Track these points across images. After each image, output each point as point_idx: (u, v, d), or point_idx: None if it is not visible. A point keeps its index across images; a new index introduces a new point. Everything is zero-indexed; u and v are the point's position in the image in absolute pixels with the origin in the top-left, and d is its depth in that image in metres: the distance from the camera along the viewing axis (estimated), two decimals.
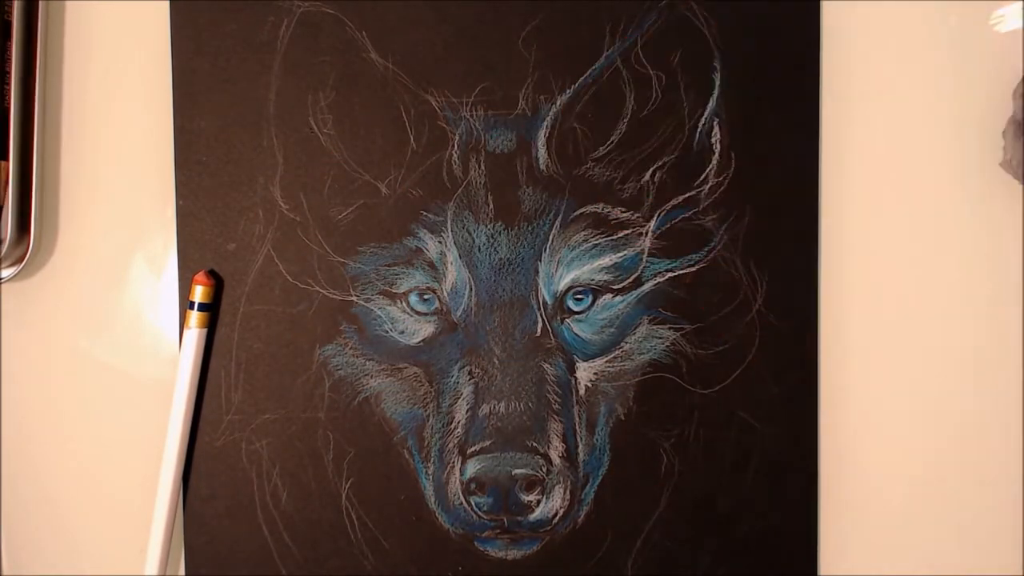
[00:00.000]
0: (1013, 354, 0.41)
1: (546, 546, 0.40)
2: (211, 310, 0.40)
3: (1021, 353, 0.41)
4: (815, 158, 0.40)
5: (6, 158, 0.39)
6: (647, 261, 0.40)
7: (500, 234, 0.40)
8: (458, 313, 0.40)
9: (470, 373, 0.40)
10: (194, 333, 0.39)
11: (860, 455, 0.41)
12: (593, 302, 0.40)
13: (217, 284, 0.40)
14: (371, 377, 0.40)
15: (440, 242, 0.40)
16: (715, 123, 0.40)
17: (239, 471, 0.40)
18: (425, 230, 0.40)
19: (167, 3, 0.40)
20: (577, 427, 0.40)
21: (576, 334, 0.40)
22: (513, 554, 0.40)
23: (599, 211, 0.40)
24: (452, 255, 0.40)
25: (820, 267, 0.41)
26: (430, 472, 0.40)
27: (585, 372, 0.40)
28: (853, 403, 0.41)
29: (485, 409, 0.40)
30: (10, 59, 0.39)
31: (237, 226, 0.40)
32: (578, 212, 0.40)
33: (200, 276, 0.39)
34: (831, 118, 0.41)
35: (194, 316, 0.39)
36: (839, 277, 0.41)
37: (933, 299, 0.41)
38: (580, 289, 0.40)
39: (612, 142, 0.40)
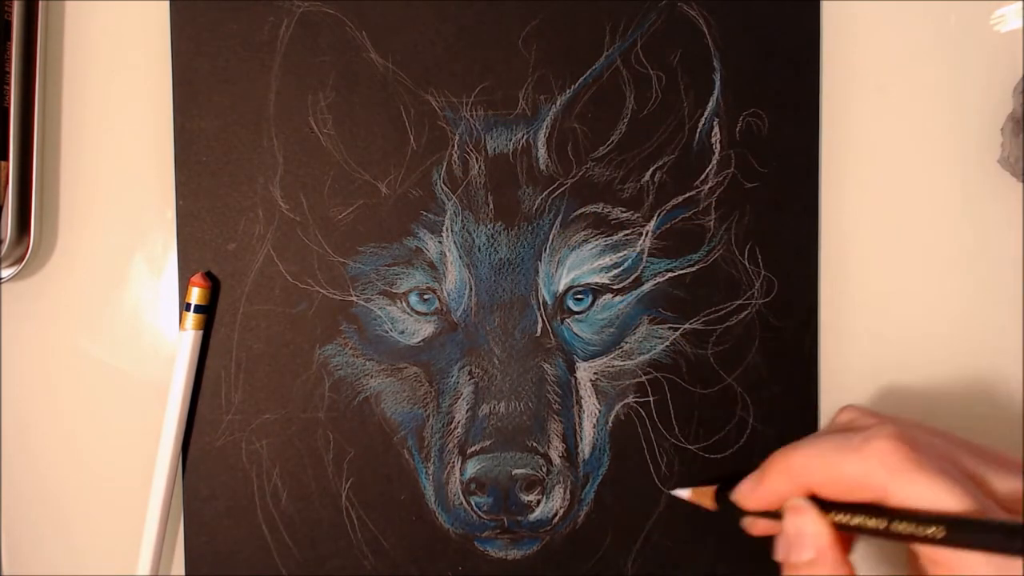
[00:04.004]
0: (1013, 352, 0.41)
1: (546, 546, 0.40)
2: (207, 312, 0.40)
3: (1021, 351, 0.41)
4: (815, 157, 0.40)
5: (6, 158, 0.39)
6: (647, 261, 0.40)
7: (500, 234, 0.40)
8: (458, 313, 0.40)
9: (470, 373, 0.40)
10: (189, 335, 0.39)
11: None
12: (593, 302, 0.40)
13: (214, 286, 0.40)
14: (371, 377, 0.40)
15: (440, 242, 0.40)
16: (715, 123, 0.40)
17: (239, 471, 0.40)
18: (425, 230, 0.40)
19: (167, 3, 0.40)
20: (577, 427, 0.40)
21: (576, 334, 0.40)
22: (513, 554, 0.40)
23: (599, 211, 0.40)
24: (452, 255, 0.40)
25: (820, 267, 0.41)
26: (430, 472, 0.40)
27: (585, 372, 0.40)
28: (853, 403, 0.41)
29: (485, 409, 0.40)
30: (10, 59, 0.39)
31: (237, 226, 0.40)
32: (578, 212, 0.40)
33: (196, 278, 0.39)
34: (831, 117, 0.41)
35: (190, 318, 0.39)
36: (839, 277, 0.41)
37: (932, 297, 0.41)
38: (580, 289, 0.40)
39: (612, 142, 0.40)
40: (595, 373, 0.40)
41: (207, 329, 0.40)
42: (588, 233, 0.40)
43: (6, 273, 0.40)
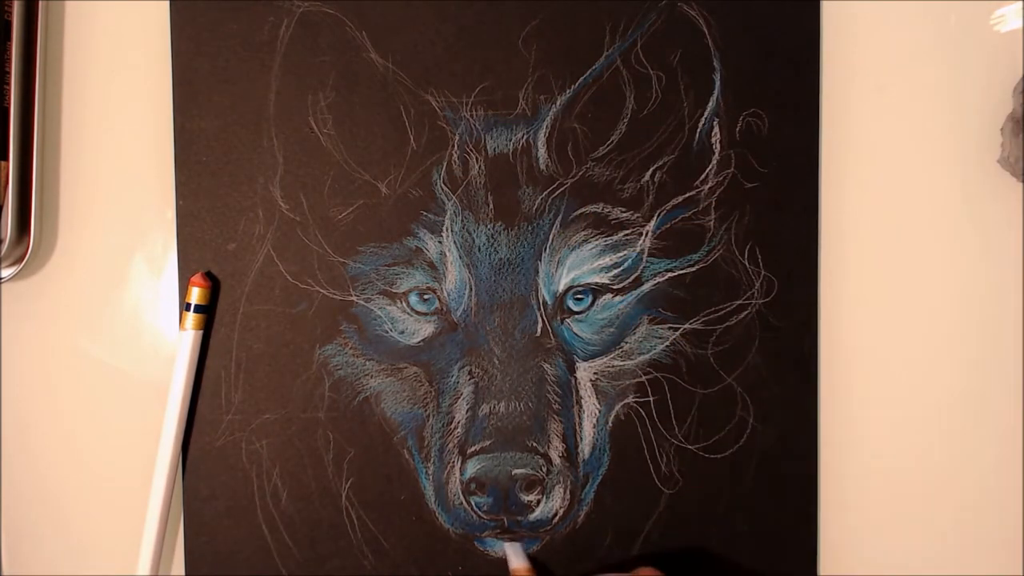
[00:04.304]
0: (1012, 352, 0.41)
1: (546, 546, 0.40)
2: (207, 312, 0.40)
3: (1020, 351, 0.41)
4: (815, 157, 0.40)
5: (6, 158, 0.39)
6: (647, 261, 0.40)
7: (500, 234, 0.40)
8: (458, 313, 0.40)
9: (470, 373, 0.40)
10: (190, 335, 0.39)
11: (860, 455, 0.41)
12: (593, 302, 0.40)
13: (214, 286, 0.40)
14: (371, 377, 0.40)
15: (440, 242, 0.40)
16: (715, 123, 0.40)
17: (239, 471, 0.40)
18: (425, 230, 0.40)
19: (167, 3, 0.40)
20: (577, 427, 0.40)
21: (576, 334, 0.40)
22: None
23: (599, 211, 0.40)
24: (452, 255, 0.40)
25: (820, 267, 0.41)
26: (430, 472, 0.40)
27: (585, 372, 0.40)
28: (853, 403, 0.41)
29: (485, 409, 0.40)
30: (10, 59, 0.39)
31: (237, 226, 0.40)
32: (578, 212, 0.40)
33: (197, 278, 0.39)
34: (831, 117, 0.41)
35: (190, 318, 0.39)
36: (839, 277, 0.41)
37: (932, 297, 0.41)
38: (580, 289, 0.40)
39: (612, 142, 0.40)
40: (595, 373, 0.40)
41: (207, 329, 0.40)
42: (588, 233, 0.40)
43: (6, 273, 0.40)
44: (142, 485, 0.40)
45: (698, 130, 0.40)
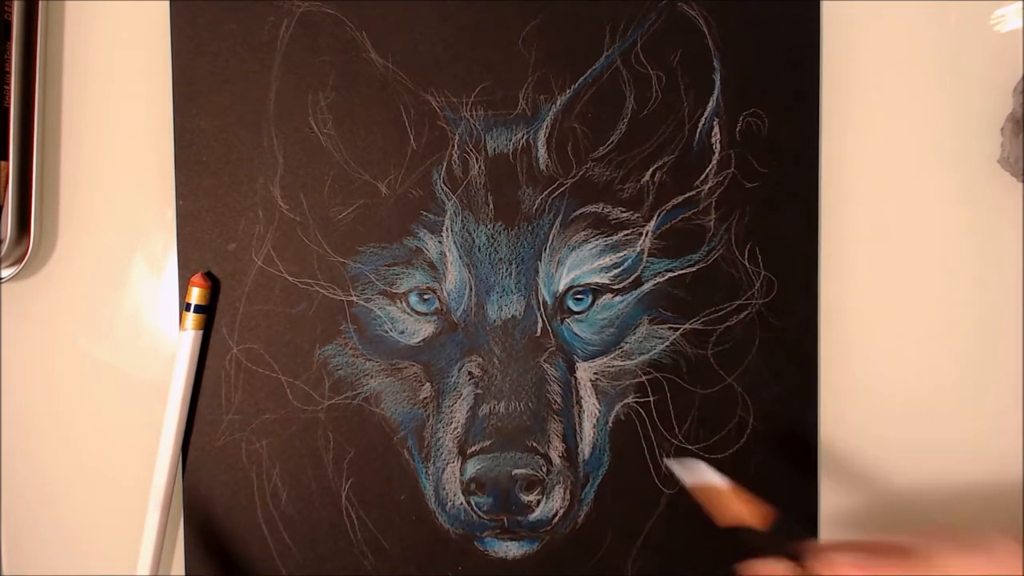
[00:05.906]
0: (1012, 350, 0.41)
1: (546, 546, 0.40)
2: (207, 312, 0.40)
3: (1020, 350, 0.41)
4: (815, 157, 0.40)
5: (6, 158, 0.39)
6: (647, 261, 0.40)
7: (500, 234, 0.40)
8: (458, 313, 0.40)
9: (470, 373, 0.40)
10: (189, 335, 0.39)
11: (860, 455, 0.41)
12: (593, 302, 0.40)
13: (214, 286, 0.40)
14: (371, 377, 0.40)
15: (440, 242, 0.40)
16: (715, 123, 0.40)
17: (239, 471, 0.40)
18: (425, 230, 0.40)
19: (167, 3, 0.40)
20: (577, 427, 0.40)
21: (576, 334, 0.40)
22: (513, 554, 0.40)
23: (599, 211, 0.40)
24: (452, 255, 0.40)
25: (820, 267, 0.41)
26: (430, 472, 0.40)
27: (585, 372, 0.40)
28: (853, 403, 0.41)
29: (485, 409, 0.40)
30: (10, 59, 0.39)
31: (237, 226, 0.40)
32: (578, 212, 0.40)
33: (196, 278, 0.39)
34: (831, 117, 0.41)
35: (190, 318, 0.39)
36: (839, 277, 0.41)
37: (932, 297, 0.41)
38: (580, 289, 0.40)
39: (612, 142, 0.40)
40: (595, 373, 0.40)
41: (207, 329, 0.40)
42: (588, 233, 0.40)
43: (6, 273, 0.40)
44: (142, 485, 0.40)
45: (698, 130, 0.40)
